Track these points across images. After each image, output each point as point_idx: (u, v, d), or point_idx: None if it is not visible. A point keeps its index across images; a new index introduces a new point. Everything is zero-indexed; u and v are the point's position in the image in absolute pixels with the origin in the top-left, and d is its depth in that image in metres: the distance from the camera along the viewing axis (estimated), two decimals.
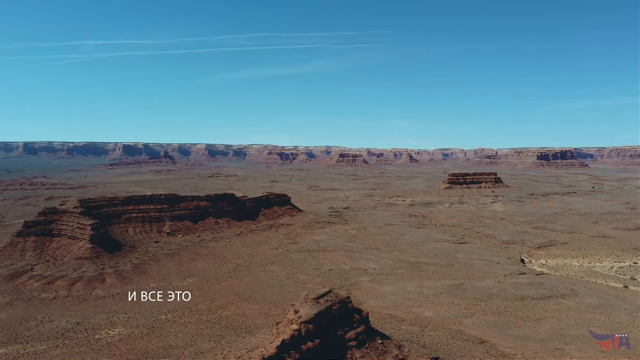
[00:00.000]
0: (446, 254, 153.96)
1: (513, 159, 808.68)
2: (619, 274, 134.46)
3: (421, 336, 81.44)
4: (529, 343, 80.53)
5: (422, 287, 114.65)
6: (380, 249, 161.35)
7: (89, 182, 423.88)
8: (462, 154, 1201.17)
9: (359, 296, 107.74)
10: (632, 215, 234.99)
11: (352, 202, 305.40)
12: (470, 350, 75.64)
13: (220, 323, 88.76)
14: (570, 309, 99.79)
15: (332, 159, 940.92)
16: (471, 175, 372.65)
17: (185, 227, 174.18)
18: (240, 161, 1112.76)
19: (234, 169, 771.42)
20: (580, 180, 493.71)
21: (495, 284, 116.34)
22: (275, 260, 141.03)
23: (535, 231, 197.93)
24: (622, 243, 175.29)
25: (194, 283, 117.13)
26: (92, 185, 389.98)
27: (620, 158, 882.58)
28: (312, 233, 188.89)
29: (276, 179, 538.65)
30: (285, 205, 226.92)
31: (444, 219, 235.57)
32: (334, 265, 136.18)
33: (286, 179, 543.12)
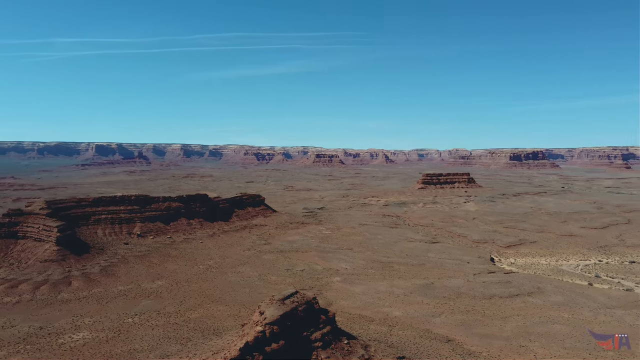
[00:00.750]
0: (418, 254, 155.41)
1: (487, 159, 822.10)
2: (584, 272, 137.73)
3: (389, 336, 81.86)
4: (495, 341, 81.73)
5: (392, 286, 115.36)
6: (353, 249, 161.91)
7: (60, 183, 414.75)
8: (438, 154, 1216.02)
9: (330, 296, 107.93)
10: (599, 215, 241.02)
11: (327, 202, 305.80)
12: (436, 349, 76.36)
13: (188, 325, 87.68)
14: (536, 307, 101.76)
15: (309, 159, 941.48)
16: (445, 176, 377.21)
17: (156, 228, 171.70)
18: (217, 161, 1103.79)
19: (210, 169, 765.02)
20: (551, 180, 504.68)
21: (464, 283, 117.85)
22: (247, 262, 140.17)
23: (505, 230, 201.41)
24: (588, 242, 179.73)
25: (163, 285, 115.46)
26: (62, 186, 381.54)
27: (590, 159, 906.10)
28: (286, 234, 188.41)
29: (252, 179, 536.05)
30: (259, 205, 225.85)
31: (417, 218, 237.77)
32: (306, 265, 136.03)
33: (262, 179, 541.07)
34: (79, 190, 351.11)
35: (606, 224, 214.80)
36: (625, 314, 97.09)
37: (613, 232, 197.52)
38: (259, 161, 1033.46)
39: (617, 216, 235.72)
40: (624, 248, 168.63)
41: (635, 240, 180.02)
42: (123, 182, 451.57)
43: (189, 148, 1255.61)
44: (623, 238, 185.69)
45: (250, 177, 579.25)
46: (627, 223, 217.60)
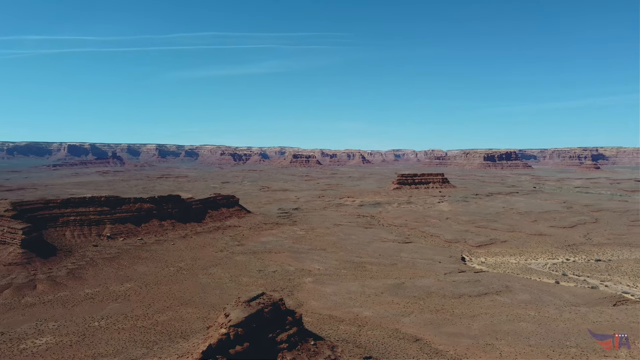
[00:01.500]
0: (391, 254, 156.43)
1: (461, 159, 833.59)
2: (552, 270, 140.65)
3: (358, 336, 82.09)
4: (462, 339, 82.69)
5: (364, 286, 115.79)
6: (327, 249, 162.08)
7: (29, 184, 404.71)
8: (414, 155, 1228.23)
9: (301, 297, 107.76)
10: (568, 214, 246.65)
11: (302, 203, 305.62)
12: (404, 349, 76.88)
13: (155, 329, 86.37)
14: (504, 305, 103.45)
15: (286, 159, 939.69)
16: (419, 176, 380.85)
17: (127, 230, 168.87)
18: (192, 162, 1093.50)
19: (185, 169, 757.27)
20: (523, 180, 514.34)
21: (434, 282, 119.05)
22: (219, 263, 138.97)
23: (477, 230, 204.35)
24: (557, 240, 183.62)
25: (132, 288, 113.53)
26: (31, 187, 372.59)
27: (561, 159, 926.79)
28: (260, 234, 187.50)
29: (228, 179, 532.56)
30: (234, 206, 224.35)
31: (391, 219, 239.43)
32: (278, 266, 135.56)
33: (238, 179, 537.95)
34: (49, 191, 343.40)
35: (574, 223, 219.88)
36: (589, 311, 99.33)
37: (581, 231, 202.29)
38: (235, 161, 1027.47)
39: (585, 215, 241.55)
40: (590, 246, 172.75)
41: (602, 239, 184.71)
42: (95, 183, 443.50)
43: (165, 148, 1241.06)
44: (590, 237, 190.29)
45: (226, 177, 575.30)
46: (594, 222, 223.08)
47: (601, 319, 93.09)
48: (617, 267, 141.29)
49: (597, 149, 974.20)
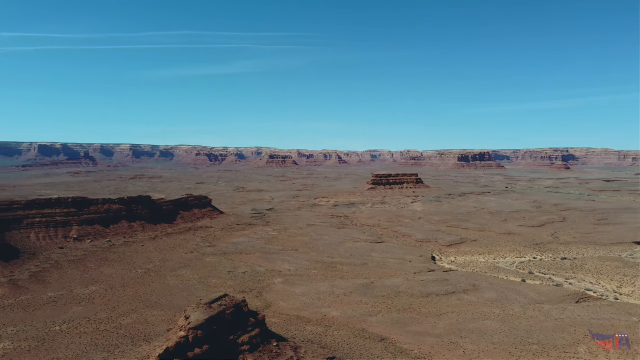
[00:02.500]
0: (362, 254, 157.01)
1: (436, 160, 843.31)
2: (519, 269, 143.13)
3: (324, 336, 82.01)
4: (427, 338, 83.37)
5: (333, 286, 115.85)
6: (298, 249, 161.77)
7: None
8: (390, 155, 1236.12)
9: (270, 298, 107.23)
10: (537, 213, 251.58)
11: (276, 203, 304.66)
12: (369, 348, 77.09)
13: (118, 332, 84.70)
14: (470, 304, 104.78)
15: (262, 160, 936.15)
16: (394, 176, 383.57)
17: (94, 231, 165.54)
18: (167, 162, 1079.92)
19: (160, 170, 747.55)
20: (495, 180, 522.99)
21: (403, 281, 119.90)
22: (188, 264, 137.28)
23: (448, 229, 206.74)
24: (525, 239, 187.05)
25: (96, 290, 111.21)
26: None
27: (533, 159, 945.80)
28: (232, 235, 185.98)
29: (203, 180, 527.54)
30: (206, 207, 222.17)
31: (364, 218, 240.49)
32: (248, 267, 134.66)
33: (213, 180, 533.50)
34: (18, 192, 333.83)
35: (543, 222, 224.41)
36: (552, 308, 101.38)
37: (548, 230, 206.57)
38: (211, 162, 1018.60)
39: (553, 214, 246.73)
40: (557, 245, 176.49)
41: (568, 238, 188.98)
42: (66, 184, 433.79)
43: (139, 148, 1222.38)
44: (557, 235, 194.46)
45: (201, 178, 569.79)
46: (562, 221, 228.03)
47: (563, 316, 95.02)
48: (581, 265, 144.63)
49: (568, 150, 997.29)
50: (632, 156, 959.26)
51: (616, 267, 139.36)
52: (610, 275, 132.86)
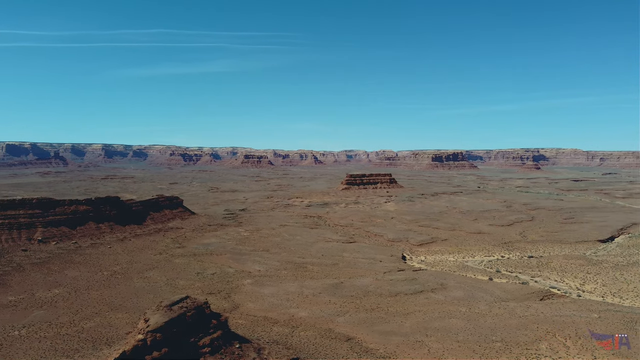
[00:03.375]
0: (333, 254, 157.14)
1: (411, 160, 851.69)
2: (487, 268, 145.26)
3: (290, 337, 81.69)
4: (394, 337, 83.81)
5: (303, 287, 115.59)
6: (270, 250, 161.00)
7: None
8: (365, 155, 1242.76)
9: (238, 299, 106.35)
10: (507, 213, 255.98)
11: (250, 203, 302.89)
12: (334, 349, 77.11)
13: (80, 336, 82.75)
14: (438, 303, 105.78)
15: (237, 160, 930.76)
16: (368, 177, 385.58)
17: (60, 233, 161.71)
18: (141, 162, 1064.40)
19: (133, 170, 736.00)
20: (468, 180, 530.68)
21: (373, 281, 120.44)
22: (156, 266, 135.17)
23: (420, 229, 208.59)
24: (494, 238, 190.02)
25: (60, 294, 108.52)
26: None
27: (505, 160, 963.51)
28: (203, 236, 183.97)
29: (176, 180, 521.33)
30: (177, 208, 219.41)
31: (337, 219, 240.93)
32: (218, 268, 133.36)
33: (187, 180, 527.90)
34: None
35: (512, 221, 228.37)
36: (517, 305, 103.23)
37: (517, 229, 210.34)
38: (185, 162, 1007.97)
39: (522, 214, 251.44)
40: (525, 244, 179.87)
41: (536, 236, 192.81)
42: (34, 185, 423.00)
43: (111, 148, 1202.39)
44: (525, 234, 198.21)
45: (175, 178, 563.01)
46: (530, 220, 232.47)
47: (527, 314, 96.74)
48: (547, 263, 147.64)
49: (539, 150, 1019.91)
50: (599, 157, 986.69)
51: (580, 265, 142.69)
52: (575, 273, 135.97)
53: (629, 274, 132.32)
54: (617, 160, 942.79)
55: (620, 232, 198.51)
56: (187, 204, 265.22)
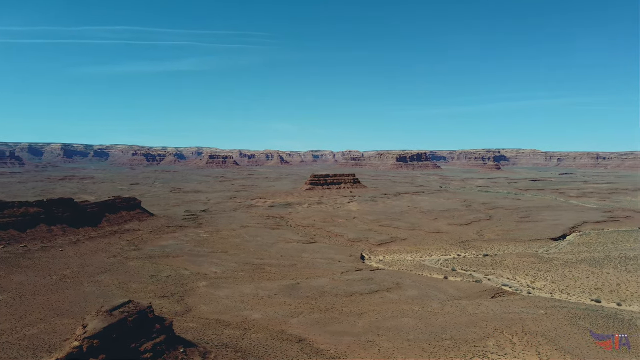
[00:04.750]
0: (292, 254, 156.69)
1: (376, 160, 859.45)
2: (443, 266, 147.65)
3: (241, 340, 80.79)
4: (345, 337, 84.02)
5: (258, 288, 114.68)
6: (228, 251, 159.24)
7: None
8: (332, 155, 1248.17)
9: (191, 302, 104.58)
10: (466, 212, 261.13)
11: (212, 204, 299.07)
12: (284, 350, 76.69)
13: (20, 343, 79.54)
14: (392, 302, 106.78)
15: (202, 160, 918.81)
16: (332, 177, 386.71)
17: (8, 236, 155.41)
18: (102, 162, 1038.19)
19: (93, 170, 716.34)
20: (431, 180, 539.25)
21: (329, 281, 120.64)
22: (109, 269, 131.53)
23: (380, 229, 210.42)
24: (452, 237, 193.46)
25: (3, 300, 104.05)
26: None
27: (467, 160, 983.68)
28: (160, 238, 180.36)
29: (138, 181, 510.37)
30: (135, 209, 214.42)
31: (300, 219, 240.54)
32: (173, 271, 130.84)
33: (149, 181, 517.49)
34: None
35: (470, 220, 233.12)
36: (469, 303, 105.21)
37: (475, 228, 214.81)
38: (148, 162, 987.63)
39: (480, 213, 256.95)
40: (481, 242, 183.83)
41: (492, 235, 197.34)
42: None
43: (71, 148, 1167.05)
44: (482, 233, 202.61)
45: (136, 179, 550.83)
46: (488, 219, 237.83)
47: (478, 311, 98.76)
48: (501, 261, 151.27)
49: (499, 151, 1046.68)
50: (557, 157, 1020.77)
51: (532, 263, 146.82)
52: (526, 270, 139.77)
53: (577, 270, 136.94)
54: (573, 161, 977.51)
55: (571, 230, 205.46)
56: (147, 205, 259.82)
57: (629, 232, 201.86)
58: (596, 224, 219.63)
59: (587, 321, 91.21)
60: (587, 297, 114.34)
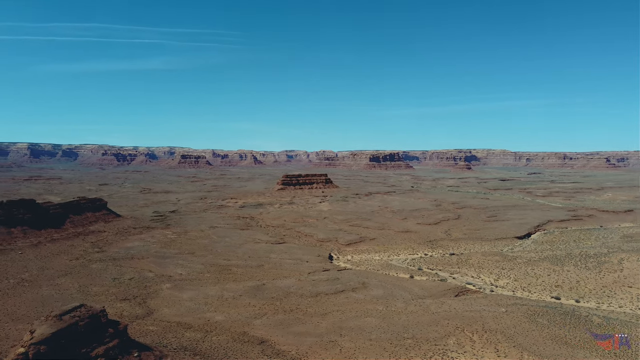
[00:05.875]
0: (260, 255, 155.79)
1: (349, 160, 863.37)
2: (409, 266, 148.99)
3: (202, 342, 79.76)
4: (308, 338, 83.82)
5: (223, 290, 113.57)
6: (195, 253, 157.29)
7: None
8: (306, 155, 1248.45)
9: (154, 305, 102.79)
10: (435, 211, 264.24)
11: (182, 205, 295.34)
12: (245, 352, 76.04)
13: None
14: (357, 302, 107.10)
15: (174, 160, 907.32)
16: (304, 177, 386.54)
17: None
18: (70, 162, 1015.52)
19: (61, 171, 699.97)
20: (403, 180, 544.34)
21: (295, 282, 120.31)
22: (70, 272, 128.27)
23: (350, 229, 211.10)
24: (420, 237, 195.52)
25: None
26: None
27: (439, 160, 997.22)
28: (126, 240, 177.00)
29: (107, 181, 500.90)
30: (101, 210, 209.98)
31: (270, 219, 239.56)
32: (137, 273, 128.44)
33: (119, 181, 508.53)
34: None
35: (439, 220, 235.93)
36: (433, 302, 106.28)
37: (443, 227, 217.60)
38: (119, 162, 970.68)
39: (450, 212, 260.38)
40: (448, 242, 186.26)
41: (459, 234, 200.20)
42: None
43: (38, 147, 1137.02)
44: (450, 232, 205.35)
45: (106, 179, 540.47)
46: (456, 219, 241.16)
47: (440, 310, 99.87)
48: (466, 260, 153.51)
49: (471, 151, 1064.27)
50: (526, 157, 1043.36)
51: (496, 261, 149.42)
52: (490, 269, 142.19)
53: (539, 268, 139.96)
54: (541, 161, 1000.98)
55: (536, 229, 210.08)
56: (114, 205, 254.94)
57: (590, 230, 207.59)
58: (560, 223, 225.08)
59: (546, 318, 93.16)
60: (547, 295, 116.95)
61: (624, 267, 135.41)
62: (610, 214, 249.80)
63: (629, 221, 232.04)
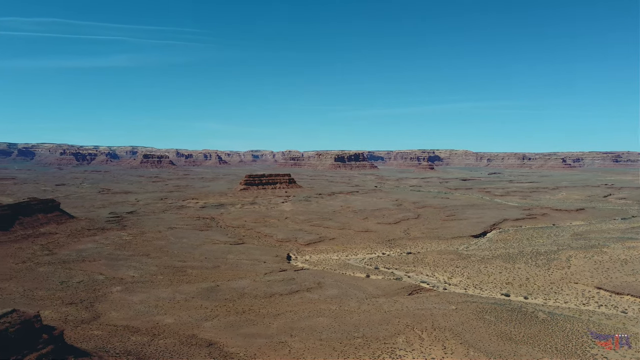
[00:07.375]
0: (218, 256, 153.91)
1: (315, 160, 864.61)
2: (367, 265, 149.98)
3: (147, 346, 77.94)
4: (258, 340, 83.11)
5: (176, 292, 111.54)
6: (150, 254, 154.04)
7: None
8: (272, 155, 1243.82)
9: (101, 308, 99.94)
10: (396, 211, 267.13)
11: (141, 205, 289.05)
12: (192, 355, 74.67)
13: None
14: (311, 302, 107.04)
15: (136, 160, 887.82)
16: (267, 177, 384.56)
17: None
18: (27, 162, 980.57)
19: (16, 171, 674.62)
20: (367, 180, 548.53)
21: (250, 283, 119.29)
22: (15, 276, 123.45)
23: (310, 229, 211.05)
24: (380, 236, 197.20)
25: None
26: None
27: (403, 160, 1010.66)
28: (79, 242, 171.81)
29: (65, 182, 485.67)
30: (53, 211, 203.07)
31: (231, 220, 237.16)
32: (87, 276, 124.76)
33: (77, 181, 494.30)
34: None
35: (399, 219, 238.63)
36: (386, 301, 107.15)
37: (403, 227, 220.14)
38: (78, 162, 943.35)
39: (410, 212, 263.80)
40: (407, 241, 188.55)
41: (418, 233, 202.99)
42: None
43: None
44: (409, 232, 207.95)
45: (63, 179, 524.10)
46: (416, 218, 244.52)
47: (392, 309, 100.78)
48: (422, 258, 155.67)
49: (434, 152, 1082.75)
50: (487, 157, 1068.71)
51: (451, 260, 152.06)
52: (445, 267, 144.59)
53: (491, 266, 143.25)
54: (502, 161, 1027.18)
55: (492, 228, 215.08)
56: (69, 206, 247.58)
57: (543, 228, 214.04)
58: (515, 222, 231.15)
59: (493, 315, 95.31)
60: (498, 292, 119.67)
61: (572, 264, 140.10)
62: (563, 213, 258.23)
63: (580, 219, 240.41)
